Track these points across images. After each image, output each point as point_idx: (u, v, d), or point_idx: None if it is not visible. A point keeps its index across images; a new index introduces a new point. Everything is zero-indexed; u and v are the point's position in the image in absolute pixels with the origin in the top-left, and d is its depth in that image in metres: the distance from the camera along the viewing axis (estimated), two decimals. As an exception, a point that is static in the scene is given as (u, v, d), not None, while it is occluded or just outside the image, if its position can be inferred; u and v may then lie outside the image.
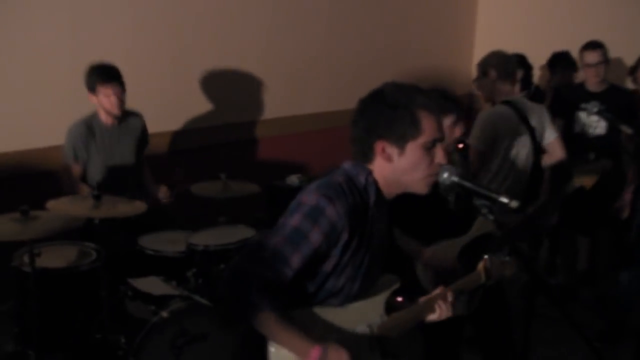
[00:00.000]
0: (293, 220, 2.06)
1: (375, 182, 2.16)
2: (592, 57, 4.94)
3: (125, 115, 4.29)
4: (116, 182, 4.15)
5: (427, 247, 3.05)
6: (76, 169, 4.16)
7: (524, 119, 4.11)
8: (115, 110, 4.15)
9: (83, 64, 4.13)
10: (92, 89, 4.11)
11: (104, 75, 4.09)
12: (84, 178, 4.19)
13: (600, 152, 4.90)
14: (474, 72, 5.82)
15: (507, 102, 4.14)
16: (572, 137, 5.02)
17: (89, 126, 4.16)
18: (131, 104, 4.29)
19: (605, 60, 4.94)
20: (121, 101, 4.16)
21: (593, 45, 4.95)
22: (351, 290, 2.18)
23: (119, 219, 3.70)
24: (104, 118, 4.20)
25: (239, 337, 2.37)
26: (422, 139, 2.10)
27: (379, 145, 2.12)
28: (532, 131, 4.13)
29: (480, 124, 4.10)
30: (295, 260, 2.03)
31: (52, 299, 3.47)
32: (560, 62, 5.71)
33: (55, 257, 3.60)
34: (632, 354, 4.22)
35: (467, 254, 3.07)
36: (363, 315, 2.21)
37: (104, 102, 4.12)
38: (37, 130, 4.27)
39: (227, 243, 3.76)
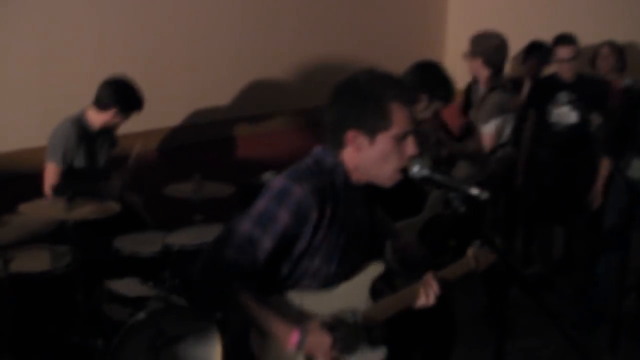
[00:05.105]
0: (261, 203, 2.10)
1: (343, 165, 2.17)
2: (565, 52, 4.90)
3: None
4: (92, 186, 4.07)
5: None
6: (58, 171, 4.00)
7: None
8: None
9: (51, 66, 4.07)
10: (105, 106, 4.06)
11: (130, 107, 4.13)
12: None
13: (573, 141, 4.97)
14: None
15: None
16: (547, 126, 5.07)
17: (79, 128, 4.04)
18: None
19: (578, 55, 4.91)
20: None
21: (566, 40, 4.90)
22: (328, 273, 2.17)
23: (92, 221, 3.65)
24: (94, 123, 4.11)
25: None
26: (393, 131, 2.10)
27: (350, 134, 2.12)
28: None
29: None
30: (266, 242, 2.05)
31: (27, 303, 3.45)
32: (535, 52, 5.58)
33: (30, 261, 3.57)
34: (608, 341, 4.27)
35: (427, 236, 3.06)
36: (346, 300, 2.21)
37: (109, 121, 4.12)
38: (6, 133, 4.20)
39: (204, 242, 3.72)
